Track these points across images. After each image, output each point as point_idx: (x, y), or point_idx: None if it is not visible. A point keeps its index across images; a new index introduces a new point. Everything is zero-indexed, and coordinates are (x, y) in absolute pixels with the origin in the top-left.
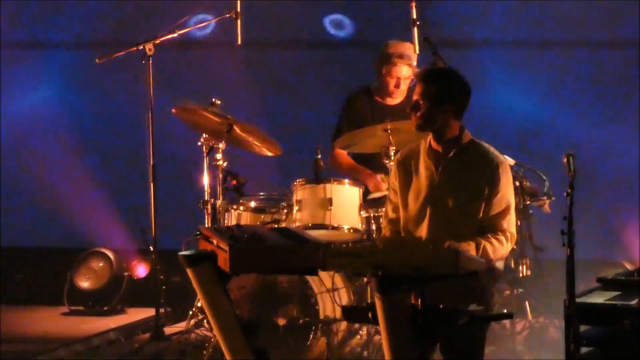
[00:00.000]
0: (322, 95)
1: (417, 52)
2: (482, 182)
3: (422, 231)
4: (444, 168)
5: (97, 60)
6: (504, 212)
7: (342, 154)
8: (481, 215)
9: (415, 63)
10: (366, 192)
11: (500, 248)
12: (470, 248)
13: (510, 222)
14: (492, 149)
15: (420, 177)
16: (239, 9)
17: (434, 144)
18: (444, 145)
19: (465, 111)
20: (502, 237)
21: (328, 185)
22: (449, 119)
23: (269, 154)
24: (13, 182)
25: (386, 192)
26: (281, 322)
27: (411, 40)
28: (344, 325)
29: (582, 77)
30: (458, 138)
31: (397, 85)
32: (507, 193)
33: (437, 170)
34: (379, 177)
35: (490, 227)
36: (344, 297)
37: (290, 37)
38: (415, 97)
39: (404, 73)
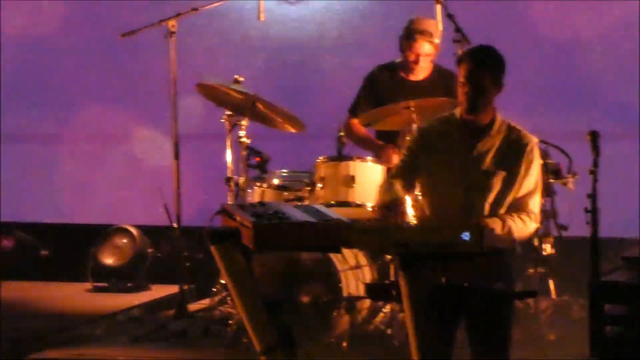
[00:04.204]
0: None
1: (440, 28)
2: (520, 162)
3: (453, 209)
4: (481, 147)
5: (119, 37)
6: (532, 192)
7: (356, 124)
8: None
9: (438, 41)
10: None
11: (524, 228)
12: (496, 226)
13: (536, 203)
14: (524, 130)
15: (452, 154)
16: None
17: (468, 121)
18: (480, 124)
19: None
20: (526, 217)
21: (351, 163)
22: (493, 99)
23: (292, 130)
24: (38, 159)
25: None
26: (304, 299)
27: (435, 17)
28: (367, 303)
29: None
30: (492, 119)
31: (417, 62)
32: (538, 174)
33: (473, 148)
34: (390, 149)
35: (516, 206)
36: (367, 275)
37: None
38: (475, 81)
39: (425, 50)
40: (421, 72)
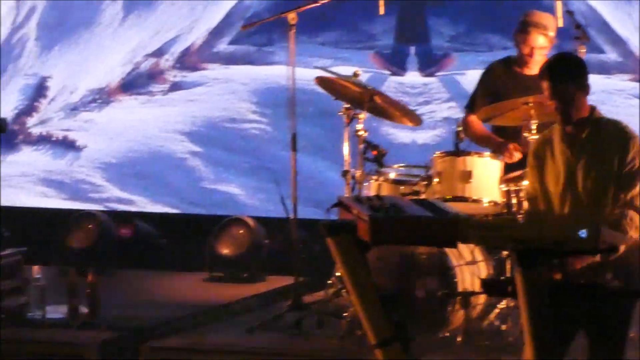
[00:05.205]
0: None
1: (561, 24)
2: (619, 158)
3: (564, 210)
4: (579, 149)
5: (240, 28)
6: None
7: (475, 121)
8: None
9: (553, 34)
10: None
11: None
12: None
13: None
14: (623, 124)
15: (557, 162)
16: None
17: (566, 127)
18: (576, 127)
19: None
20: None
21: (468, 158)
22: (583, 102)
23: (410, 124)
24: (156, 150)
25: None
26: (419, 293)
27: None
28: (482, 298)
29: None
30: (589, 117)
31: (531, 55)
32: None
33: (573, 152)
34: (511, 145)
35: (630, 202)
36: (483, 270)
37: None
38: (560, 97)
39: (539, 42)
40: (536, 65)
